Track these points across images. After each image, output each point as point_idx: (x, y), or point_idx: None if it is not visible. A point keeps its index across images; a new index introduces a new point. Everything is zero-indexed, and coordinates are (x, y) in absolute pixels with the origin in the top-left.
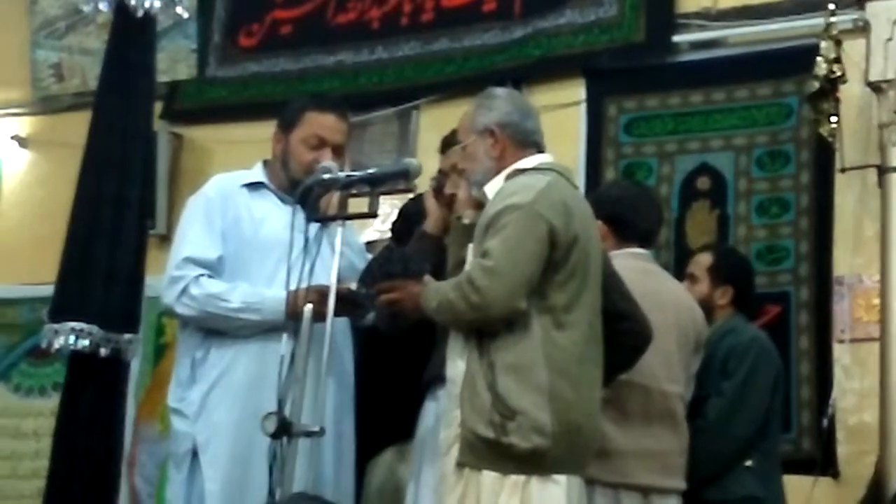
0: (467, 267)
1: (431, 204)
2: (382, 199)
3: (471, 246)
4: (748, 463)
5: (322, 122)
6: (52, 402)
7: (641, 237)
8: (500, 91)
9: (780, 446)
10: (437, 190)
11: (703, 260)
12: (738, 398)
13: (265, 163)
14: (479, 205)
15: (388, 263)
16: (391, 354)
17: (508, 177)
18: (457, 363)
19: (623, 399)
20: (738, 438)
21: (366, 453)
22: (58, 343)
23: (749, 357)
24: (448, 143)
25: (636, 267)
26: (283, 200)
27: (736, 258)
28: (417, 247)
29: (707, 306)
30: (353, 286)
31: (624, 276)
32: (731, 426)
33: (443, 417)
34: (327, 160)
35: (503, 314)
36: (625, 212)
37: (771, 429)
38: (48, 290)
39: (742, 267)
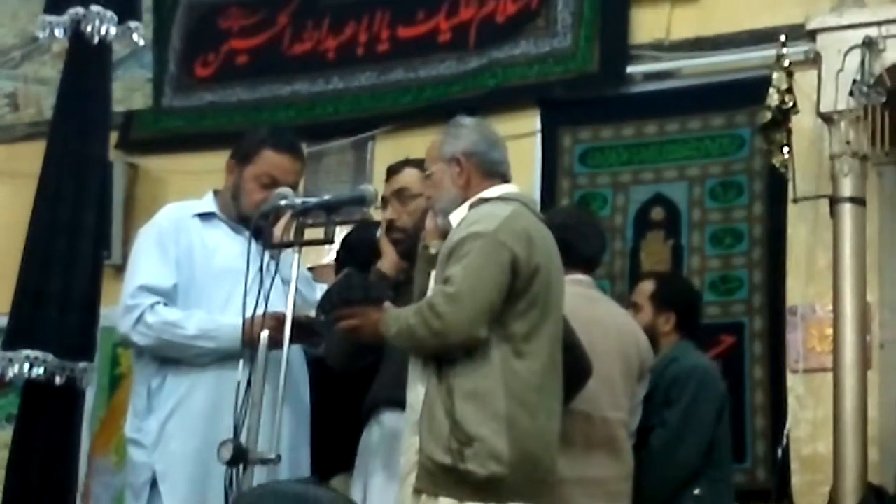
0: (429, 293)
1: (386, 245)
2: (338, 227)
3: (434, 273)
4: (696, 491)
5: (276, 163)
6: (6, 433)
7: (585, 263)
8: (467, 120)
9: (731, 475)
10: (387, 230)
11: (646, 287)
12: (680, 427)
13: (216, 193)
14: (446, 234)
15: (347, 290)
16: (339, 383)
17: (472, 205)
18: (417, 389)
19: (564, 426)
20: (683, 466)
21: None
22: (12, 371)
23: (691, 385)
24: (392, 170)
25: (580, 293)
26: (234, 230)
27: (678, 284)
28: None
29: (652, 334)
30: (311, 313)
31: (567, 302)
32: (675, 454)
33: (401, 443)
34: None
35: (463, 341)
36: (570, 238)
37: (718, 456)
38: (4, 320)
39: (684, 292)
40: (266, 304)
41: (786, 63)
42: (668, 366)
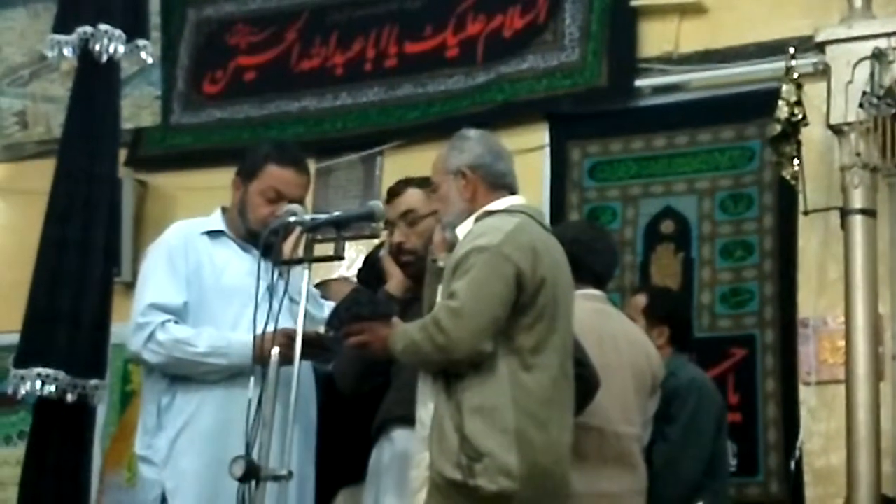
0: (435, 308)
1: (391, 266)
2: (347, 244)
3: (440, 288)
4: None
5: (281, 177)
6: (18, 450)
7: (597, 278)
8: (472, 133)
9: (728, 485)
10: (395, 253)
11: (638, 301)
12: (681, 442)
13: (224, 210)
14: (453, 246)
15: (356, 306)
16: (346, 398)
17: (478, 218)
18: (427, 405)
19: (578, 441)
20: (685, 482)
21: (319, 497)
22: (24, 389)
23: (690, 400)
24: (394, 192)
25: (591, 308)
26: (242, 248)
27: (670, 298)
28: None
29: None
30: (320, 330)
31: (579, 317)
32: (677, 470)
33: (412, 459)
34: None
35: (468, 356)
36: (581, 253)
37: (720, 469)
38: (16, 339)
39: (677, 306)
40: (276, 321)
41: (795, 75)
42: (666, 380)
